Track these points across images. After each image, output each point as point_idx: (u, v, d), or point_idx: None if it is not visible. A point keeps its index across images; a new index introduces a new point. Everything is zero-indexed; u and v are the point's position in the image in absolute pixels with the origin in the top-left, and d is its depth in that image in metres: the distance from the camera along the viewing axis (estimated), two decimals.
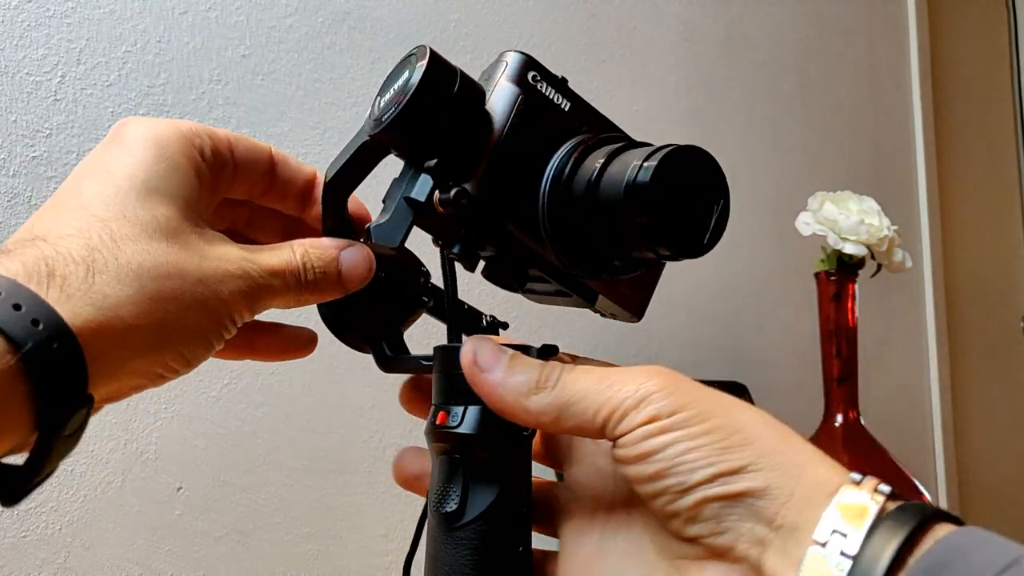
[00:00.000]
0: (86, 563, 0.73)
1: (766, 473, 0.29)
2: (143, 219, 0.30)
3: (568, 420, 0.32)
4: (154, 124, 0.33)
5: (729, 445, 0.30)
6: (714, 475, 0.29)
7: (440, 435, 0.35)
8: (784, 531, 0.29)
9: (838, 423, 0.97)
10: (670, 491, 0.30)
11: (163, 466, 0.77)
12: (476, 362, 0.33)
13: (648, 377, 0.31)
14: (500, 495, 0.34)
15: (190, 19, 0.83)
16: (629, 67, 1.17)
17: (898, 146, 1.55)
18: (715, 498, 0.29)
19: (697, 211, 0.34)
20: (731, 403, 0.31)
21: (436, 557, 0.35)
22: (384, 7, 0.95)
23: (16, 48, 0.74)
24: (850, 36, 1.49)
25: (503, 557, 0.34)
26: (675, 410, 0.30)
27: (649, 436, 0.30)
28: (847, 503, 0.28)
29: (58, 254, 0.28)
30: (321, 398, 0.86)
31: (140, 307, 0.28)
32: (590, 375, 0.32)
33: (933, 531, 0.27)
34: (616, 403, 0.31)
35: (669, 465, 0.30)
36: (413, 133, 0.34)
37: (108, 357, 0.28)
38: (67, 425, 0.27)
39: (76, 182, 0.32)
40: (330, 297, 0.36)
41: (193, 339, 0.31)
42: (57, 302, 0.27)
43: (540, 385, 0.32)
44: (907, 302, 1.52)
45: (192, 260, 0.30)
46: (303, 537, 0.84)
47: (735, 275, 1.25)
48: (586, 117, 0.37)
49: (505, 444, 0.34)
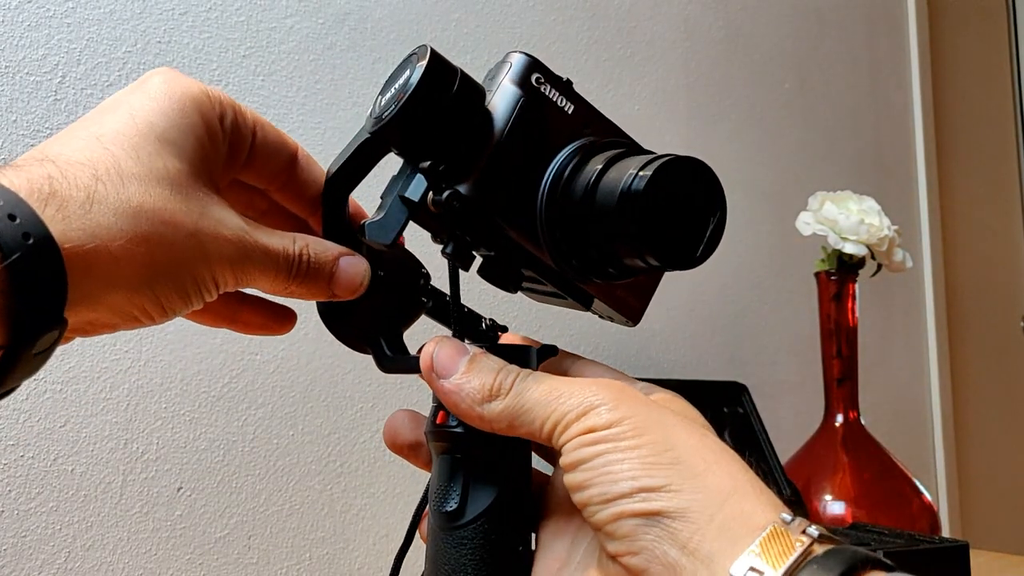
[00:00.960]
0: (87, 564, 0.73)
1: (687, 495, 0.28)
2: (153, 164, 0.31)
3: (520, 428, 0.32)
4: (184, 81, 0.34)
5: (656, 462, 0.29)
6: (634, 489, 0.29)
7: (439, 435, 0.36)
8: (697, 559, 0.28)
9: (838, 423, 0.98)
10: (593, 501, 0.30)
11: (164, 466, 0.77)
12: (433, 367, 0.34)
13: (596, 389, 0.31)
14: (500, 494, 0.35)
15: (190, 20, 0.83)
16: (629, 66, 1.17)
17: (898, 146, 1.55)
18: (632, 514, 0.29)
19: (691, 223, 0.34)
20: (673, 422, 0.31)
21: (436, 556, 0.35)
22: (384, 8, 0.95)
23: (16, 48, 0.74)
24: (850, 35, 1.49)
25: (503, 556, 0.34)
26: (612, 422, 0.30)
27: (583, 445, 0.30)
28: (770, 541, 0.27)
29: (64, 176, 0.28)
30: (322, 398, 0.86)
31: (130, 244, 0.29)
32: (542, 385, 0.32)
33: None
34: (561, 414, 0.31)
35: (595, 475, 0.30)
36: (412, 131, 0.34)
37: (89, 284, 0.28)
38: (37, 343, 0.27)
39: (98, 114, 0.32)
40: (317, 297, 0.36)
41: (171, 288, 0.31)
42: (51, 221, 0.27)
43: (494, 392, 0.33)
44: (907, 302, 1.52)
45: (190, 215, 0.31)
46: (307, 538, 0.84)
47: (735, 275, 1.25)
48: (590, 120, 0.37)
49: (503, 443, 0.34)
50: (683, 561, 0.28)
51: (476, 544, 0.34)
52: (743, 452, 0.92)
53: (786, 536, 0.27)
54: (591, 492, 0.30)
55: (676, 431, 0.30)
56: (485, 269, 0.38)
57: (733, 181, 1.32)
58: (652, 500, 0.29)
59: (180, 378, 0.79)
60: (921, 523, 0.92)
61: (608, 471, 0.29)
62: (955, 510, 1.52)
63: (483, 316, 0.40)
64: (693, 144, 1.22)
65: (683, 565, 0.28)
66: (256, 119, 0.36)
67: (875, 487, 0.94)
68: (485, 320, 0.40)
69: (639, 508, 0.29)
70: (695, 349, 1.19)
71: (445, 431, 0.35)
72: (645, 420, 0.30)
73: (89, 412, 0.74)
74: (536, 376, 0.33)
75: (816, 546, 0.27)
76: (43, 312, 0.27)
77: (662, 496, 0.29)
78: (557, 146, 0.36)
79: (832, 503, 0.93)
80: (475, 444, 0.35)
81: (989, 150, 1.89)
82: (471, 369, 0.33)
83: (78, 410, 0.73)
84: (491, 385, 0.33)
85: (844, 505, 0.92)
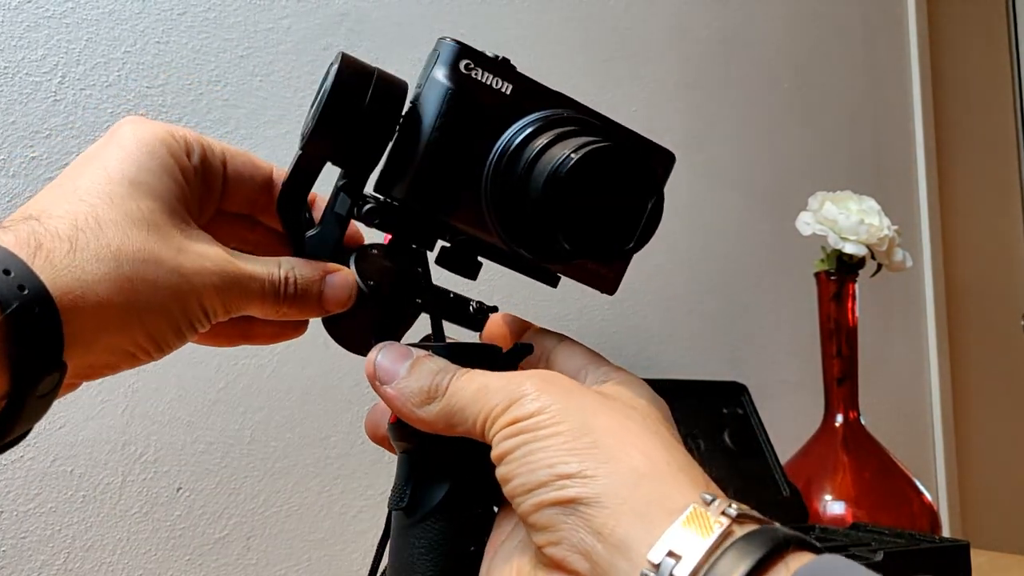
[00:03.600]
0: (86, 564, 0.73)
1: (601, 480, 0.28)
2: (128, 208, 0.32)
3: (457, 427, 0.32)
4: (150, 126, 0.35)
5: (573, 448, 0.29)
6: (551, 477, 0.29)
7: (394, 433, 0.36)
8: (611, 545, 0.27)
9: (838, 423, 0.97)
10: (516, 492, 0.30)
11: (163, 468, 0.77)
12: (375, 373, 0.34)
13: (523, 381, 0.31)
14: (449, 493, 0.34)
15: (189, 20, 0.83)
16: (626, 67, 1.17)
17: (898, 146, 1.55)
18: (550, 503, 0.28)
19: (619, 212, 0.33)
20: (595, 407, 0.31)
21: (391, 553, 0.36)
22: (382, 8, 0.95)
23: (16, 49, 0.74)
24: (849, 35, 1.49)
25: (451, 555, 0.34)
26: (534, 412, 0.30)
27: (506, 438, 0.30)
28: (688, 523, 0.26)
29: (47, 231, 0.30)
30: (320, 401, 0.86)
31: (115, 285, 0.30)
32: (474, 382, 0.32)
33: (786, 560, 0.25)
34: (489, 408, 0.31)
35: (517, 466, 0.30)
36: (335, 140, 0.34)
37: (82, 327, 0.30)
38: (40, 385, 0.29)
39: (73, 170, 0.34)
40: (310, 316, 0.37)
41: (162, 322, 0.32)
42: (41, 271, 0.29)
43: (431, 395, 0.33)
44: (907, 302, 1.52)
45: (169, 250, 0.32)
46: (306, 539, 0.84)
47: (735, 275, 1.25)
48: (533, 96, 0.35)
49: (455, 442, 0.34)
50: (598, 548, 0.27)
51: (425, 542, 0.34)
52: (743, 452, 0.92)
53: (704, 518, 0.26)
54: (514, 483, 0.30)
55: (597, 415, 0.30)
56: (442, 258, 0.38)
57: (733, 181, 1.32)
58: (568, 488, 0.28)
59: (178, 380, 0.79)
60: (921, 523, 0.92)
61: (527, 461, 0.29)
62: (955, 510, 1.52)
63: (471, 300, 0.40)
64: (692, 144, 1.22)
65: (599, 552, 0.27)
66: (224, 149, 0.38)
67: (875, 487, 0.94)
68: (472, 304, 0.39)
69: (556, 496, 0.28)
70: (695, 349, 1.19)
71: (398, 429, 0.36)
72: (566, 407, 0.30)
73: (88, 414, 0.74)
74: (471, 375, 0.33)
75: (735, 527, 0.26)
76: (43, 356, 0.29)
77: (576, 483, 0.28)
78: (499, 130, 0.35)
79: (832, 503, 0.93)
80: (426, 442, 0.35)
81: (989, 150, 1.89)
82: (411, 373, 0.34)
83: (77, 412, 0.73)
84: (427, 387, 0.33)
85: (844, 505, 0.92)
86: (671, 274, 1.17)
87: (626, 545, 0.27)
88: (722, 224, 1.23)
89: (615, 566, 0.27)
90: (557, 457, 0.29)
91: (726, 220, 1.24)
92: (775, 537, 0.26)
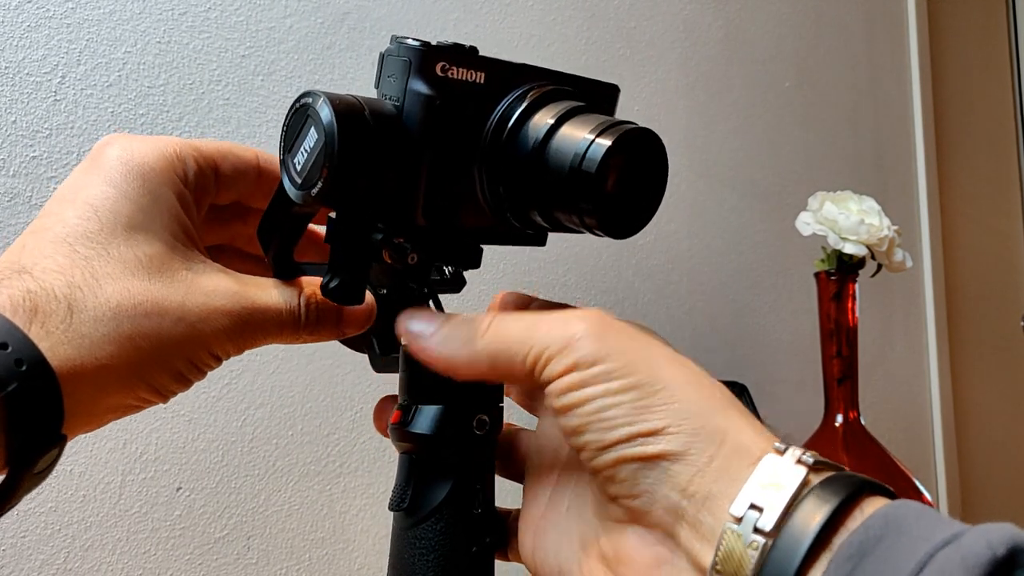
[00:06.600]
0: (86, 564, 0.73)
1: (684, 437, 0.28)
2: (125, 257, 0.30)
3: (500, 366, 0.31)
4: (137, 149, 0.33)
5: (649, 404, 0.28)
6: (631, 435, 0.28)
7: (395, 434, 0.36)
8: (697, 501, 0.27)
9: (838, 423, 0.97)
10: (590, 447, 0.29)
11: (163, 467, 0.77)
12: (410, 330, 0.33)
13: (578, 320, 0.30)
14: (450, 494, 0.34)
15: (190, 20, 0.83)
16: (629, 66, 1.17)
17: (898, 146, 1.55)
18: (631, 459, 0.28)
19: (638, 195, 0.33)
20: (659, 356, 0.30)
21: (392, 555, 0.36)
22: (384, 7, 0.95)
23: (16, 49, 0.74)
24: (850, 35, 1.49)
25: (454, 556, 0.34)
26: (596, 360, 0.29)
27: (570, 389, 0.29)
28: (767, 473, 0.27)
29: (42, 289, 0.28)
30: (321, 399, 0.86)
31: (115, 346, 0.29)
32: (521, 321, 0.31)
33: (862, 506, 0.26)
34: (541, 348, 0.30)
35: (588, 421, 0.29)
36: (355, 194, 0.31)
37: (83, 395, 0.28)
38: (38, 463, 0.27)
39: (60, 207, 0.31)
40: (328, 339, 0.35)
41: (165, 374, 0.31)
42: (39, 339, 0.27)
43: (473, 336, 0.31)
44: (907, 302, 1.52)
45: (174, 297, 0.30)
46: (307, 538, 0.84)
47: (735, 275, 1.25)
48: (504, 78, 0.34)
49: (456, 443, 0.34)
50: (683, 504, 0.27)
51: (426, 544, 0.34)
52: None
53: (781, 468, 0.27)
54: (586, 438, 0.29)
55: (663, 367, 0.30)
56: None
57: (733, 181, 1.32)
58: (650, 444, 0.28)
59: None
60: None
61: (601, 417, 0.29)
62: (955, 510, 1.52)
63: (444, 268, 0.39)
64: (693, 143, 1.22)
65: (684, 508, 0.27)
66: (214, 150, 0.35)
67: None
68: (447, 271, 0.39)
69: (638, 452, 0.28)
70: (695, 349, 1.19)
71: (399, 430, 0.35)
72: (631, 357, 0.29)
73: None
74: (517, 314, 0.32)
75: (812, 475, 0.27)
76: (41, 434, 0.27)
77: (660, 440, 0.28)
78: (482, 121, 0.34)
79: None
80: (425, 443, 0.35)
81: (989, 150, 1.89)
82: (448, 322, 0.33)
83: None
84: (468, 330, 0.32)
85: None
86: (671, 274, 1.17)
87: (711, 500, 0.27)
88: (722, 224, 1.23)
89: (700, 521, 0.27)
90: (635, 414, 0.28)
91: (726, 220, 1.24)
92: (852, 483, 0.26)
